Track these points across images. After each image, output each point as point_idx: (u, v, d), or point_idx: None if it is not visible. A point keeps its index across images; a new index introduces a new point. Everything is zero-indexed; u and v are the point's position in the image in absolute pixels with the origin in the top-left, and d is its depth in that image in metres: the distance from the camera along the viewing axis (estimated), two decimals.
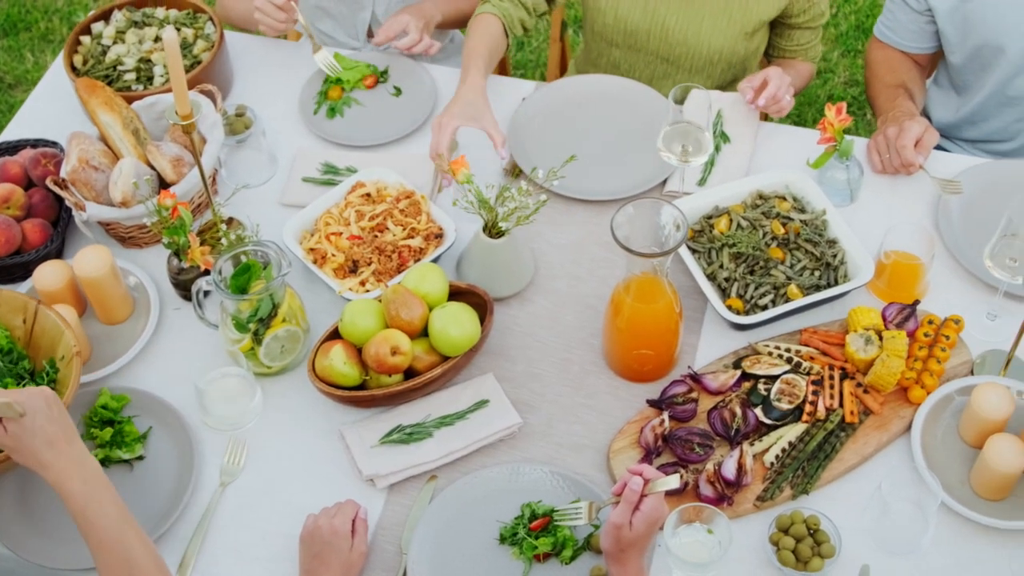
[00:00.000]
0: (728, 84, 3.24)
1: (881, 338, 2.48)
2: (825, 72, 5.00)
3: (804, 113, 4.78)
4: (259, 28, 3.09)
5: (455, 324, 2.41)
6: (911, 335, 2.53)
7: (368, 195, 2.74)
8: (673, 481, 2.05)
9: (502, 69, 3.79)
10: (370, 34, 3.42)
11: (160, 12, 3.13)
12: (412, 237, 2.65)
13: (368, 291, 2.57)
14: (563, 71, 3.71)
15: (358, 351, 2.43)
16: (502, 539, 2.29)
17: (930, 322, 2.54)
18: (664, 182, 2.85)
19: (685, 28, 3.05)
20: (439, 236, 2.67)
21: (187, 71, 2.96)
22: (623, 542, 2.05)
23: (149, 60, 3.02)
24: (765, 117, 3.52)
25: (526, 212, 2.51)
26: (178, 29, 3.06)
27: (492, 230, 2.55)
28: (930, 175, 2.79)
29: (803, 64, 3.23)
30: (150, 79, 3.00)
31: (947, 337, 2.52)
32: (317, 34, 3.45)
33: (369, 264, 2.61)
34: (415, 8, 3.14)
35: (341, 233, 2.66)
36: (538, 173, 2.64)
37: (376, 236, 2.66)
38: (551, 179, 2.58)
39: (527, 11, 3.06)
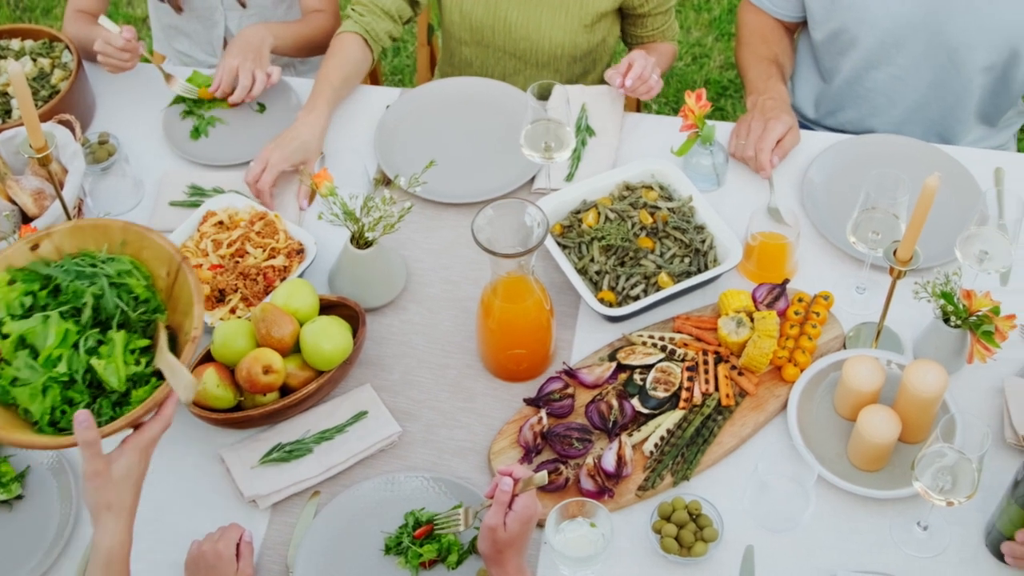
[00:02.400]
0: (579, 78, 3.26)
1: (752, 320, 2.50)
2: (701, 57, 5.05)
3: (682, 99, 4.81)
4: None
5: (326, 338, 2.40)
6: (782, 314, 2.56)
7: (221, 223, 2.72)
8: (541, 478, 2.05)
9: (373, 78, 3.78)
10: None
11: (15, 44, 3.08)
12: (273, 257, 2.64)
13: (240, 318, 2.55)
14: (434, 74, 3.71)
15: (231, 372, 2.41)
16: (387, 549, 2.29)
17: (800, 300, 2.57)
18: (532, 180, 2.85)
19: (526, 23, 3.07)
20: (301, 252, 2.66)
21: (46, 101, 2.92)
22: (499, 543, 2.05)
23: (6, 93, 2.98)
24: (637, 105, 3.55)
25: (392, 221, 2.51)
26: (34, 59, 3.02)
27: (360, 241, 2.55)
28: (772, 186, 2.82)
29: (663, 45, 3.27)
30: (8, 112, 2.96)
31: (817, 314, 2.55)
32: (173, 54, 3.43)
33: (235, 291, 2.59)
34: (242, 44, 3.05)
35: (201, 265, 2.64)
36: (400, 180, 2.64)
37: (237, 262, 2.64)
38: (413, 185, 2.58)
39: (392, 20, 3.06)
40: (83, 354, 1.98)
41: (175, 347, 2.06)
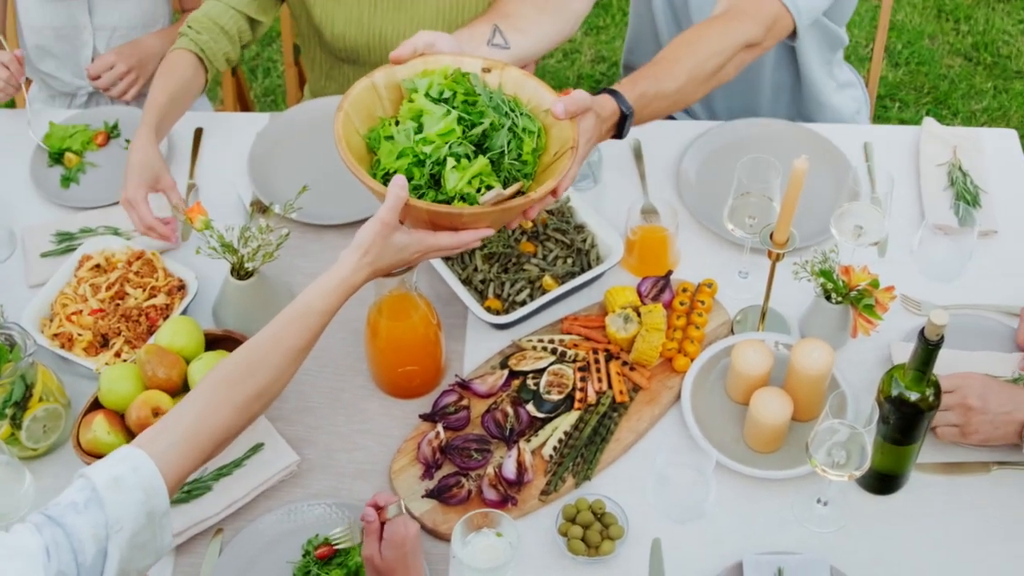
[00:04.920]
0: None
1: (639, 314, 2.52)
2: (572, 53, 5.07)
3: None
4: None
5: None
6: (668, 306, 2.58)
7: (98, 266, 2.68)
8: (396, 508, 2.07)
9: (243, 103, 3.74)
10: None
11: None
12: (154, 296, 2.60)
13: (126, 361, 2.52)
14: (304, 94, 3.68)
15: (121, 418, 2.38)
16: None
17: (684, 290, 2.60)
18: None
19: (402, 36, 3.03)
20: (182, 288, 2.63)
21: None
22: (381, 571, 2.06)
23: None
24: None
25: (271, 249, 2.49)
26: None
27: (240, 272, 2.52)
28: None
29: None
30: None
31: (703, 302, 2.58)
32: (40, 75, 3.39)
33: (119, 334, 2.55)
34: (128, 47, 3.06)
35: (81, 311, 2.60)
36: (276, 207, 2.62)
37: (118, 304, 2.60)
38: (289, 212, 2.56)
39: (231, 41, 2.96)
40: (447, 152, 2.16)
41: None
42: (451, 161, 2.14)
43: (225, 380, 1.96)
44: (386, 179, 2.17)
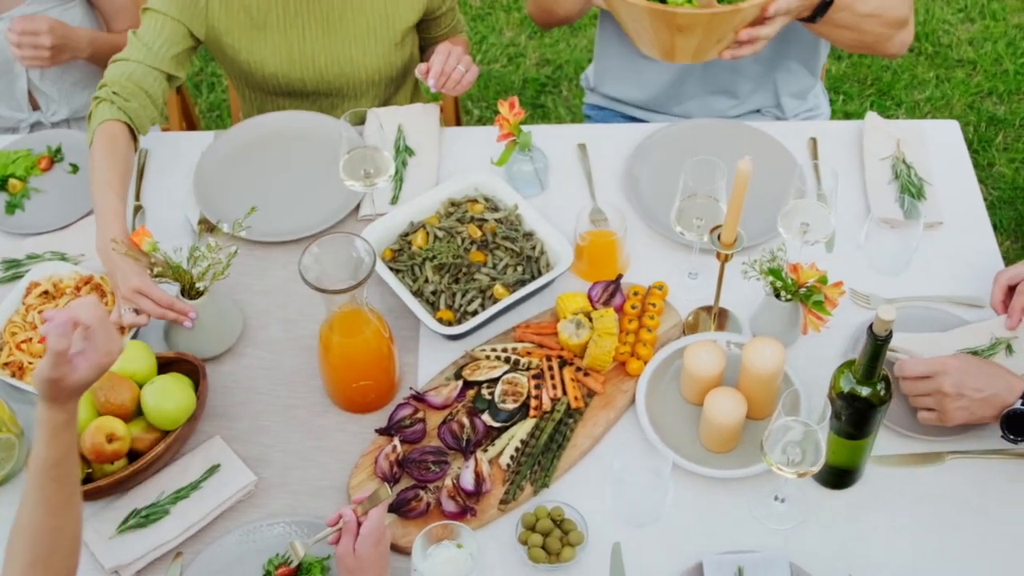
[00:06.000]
0: (393, 97, 3.25)
1: (591, 319, 2.52)
2: (516, 57, 5.07)
3: None
4: None
5: (167, 397, 2.37)
6: (619, 310, 2.59)
7: (46, 292, 2.65)
8: (385, 491, 2.10)
9: (189, 121, 3.73)
10: (35, 105, 3.33)
11: None
12: None
13: None
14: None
15: None
16: None
17: (635, 293, 2.61)
18: (358, 207, 2.84)
19: (337, 60, 3.03)
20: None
21: None
22: (353, 571, 2.07)
23: None
24: (457, 117, 3.56)
25: (220, 268, 2.48)
26: None
27: (190, 292, 2.51)
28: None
29: (457, 39, 3.28)
30: None
31: (654, 305, 2.58)
32: None
33: None
34: (62, 28, 3.05)
35: (31, 339, 2.58)
36: (224, 226, 2.61)
37: None
38: (238, 230, 2.56)
39: (155, 105, 2.86)
40: None
41: None
42: None
43: None
44: None
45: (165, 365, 2.49)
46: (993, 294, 2.52)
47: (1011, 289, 2.51)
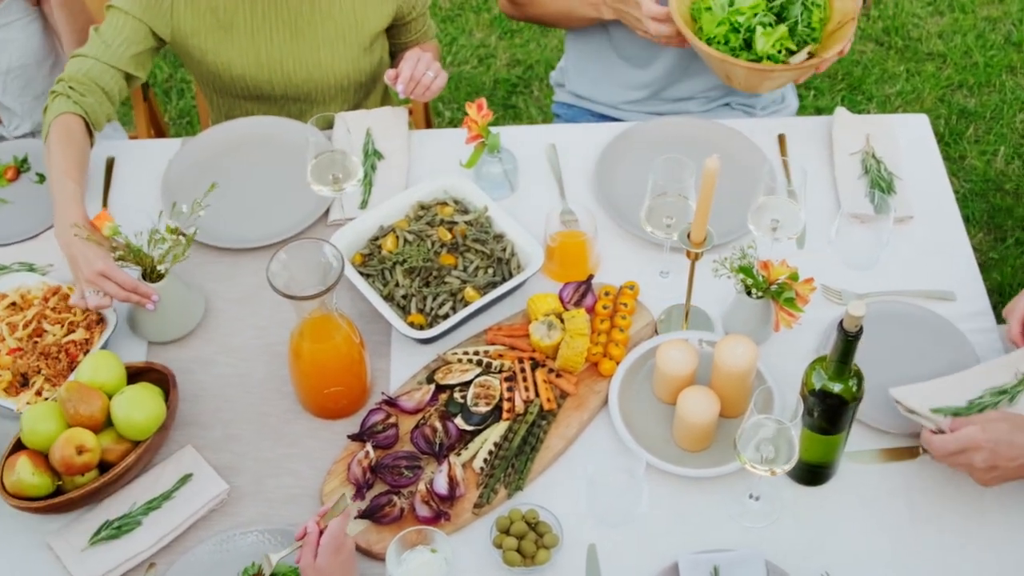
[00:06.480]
0: (363, 101, 3.24)
1: (562, 320, 2.51)
2: (487, 58, 5.06)
3: None
4: None
5: (137, 408, 2.35)
6: (590, 310, 2.58)
7: (14, 304, 2.63)
8: (344, 502, 2.11)
9: (157, 128, 3.70)
10: None
11: None
12: (73, 331, 2.57)
13: (47, 399, 2.48)
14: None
15: (45, 458, 2.34)
16: None
17: (607, 293, 2.60)
18: (327, 212, 2.83)
19: (306, 65, 3.02)
20: (101, 321, 2.59)
21: None
22: None
23: None
24: (428, 120, 3.55)
25: (180, 249, 2.49)
26: None
27: (152, 275, 2.52)
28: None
29: (428, 45, 3.26)
30: None
31: (625, 304, 2.58)
32: None
33: (38, 372, 2.52)
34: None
35: None
36: (182, 207, 2.60)
37: (36, 342, 2.56)
38: (196, 210, 2.53)
39: (111, 102, 2.85)
40: (756, 20, 2.72)
41: None
42: (759, 28, 2.70)
43: None
44: (708, 43, 2.73)
45: (135, 375, 2.48)
46: (1010, 327, 2.50)
47: None
